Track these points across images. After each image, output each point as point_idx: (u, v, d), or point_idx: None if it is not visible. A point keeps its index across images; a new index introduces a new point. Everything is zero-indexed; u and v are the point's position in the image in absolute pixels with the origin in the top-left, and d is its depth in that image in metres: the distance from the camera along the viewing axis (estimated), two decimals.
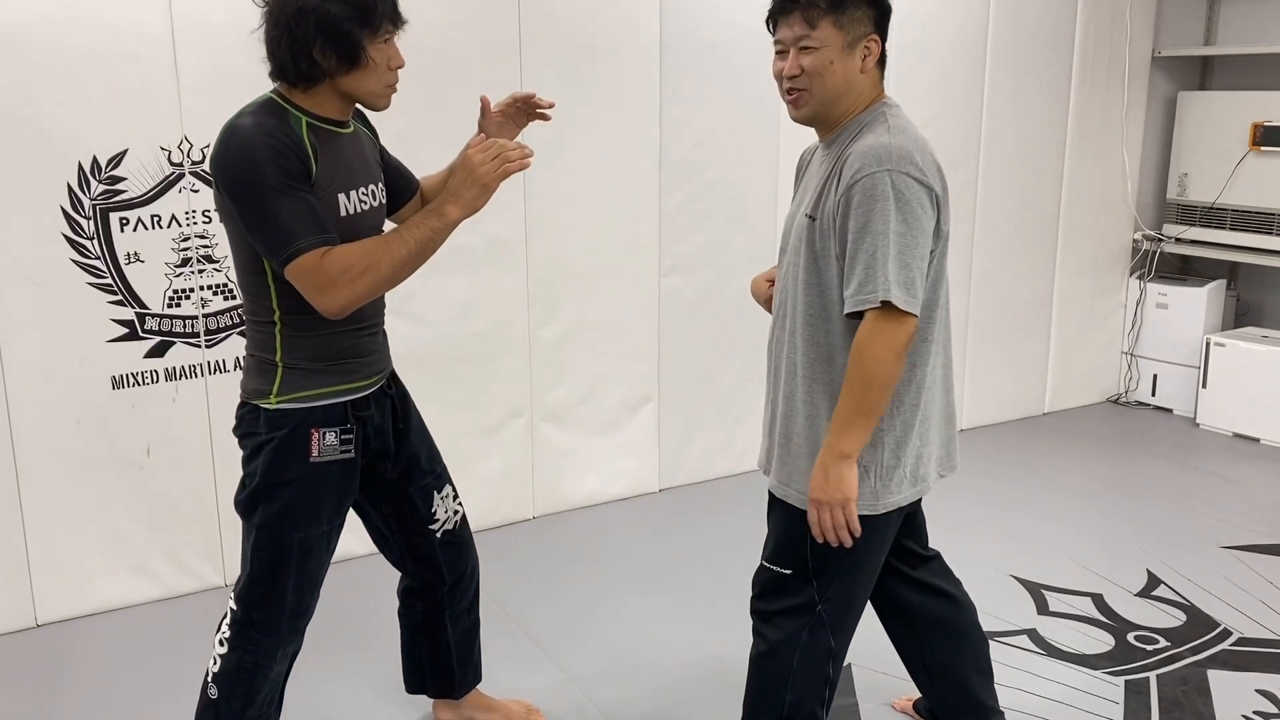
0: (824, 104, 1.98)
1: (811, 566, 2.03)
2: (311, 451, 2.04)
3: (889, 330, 1.85)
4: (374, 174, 2.13)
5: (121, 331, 3.07)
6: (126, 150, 2.99)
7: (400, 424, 2.25)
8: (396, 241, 1.94)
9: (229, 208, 1.95)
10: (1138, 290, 5.07)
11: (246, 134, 1.89)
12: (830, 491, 1.90)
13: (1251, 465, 4.35)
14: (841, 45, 1.94)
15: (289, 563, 2.08)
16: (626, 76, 3.71)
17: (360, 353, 2.11)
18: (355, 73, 1.95)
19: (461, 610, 2.46)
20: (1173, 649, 2.93)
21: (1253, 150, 4.63)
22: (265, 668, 2.13)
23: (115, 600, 3.19)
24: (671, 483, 4.11)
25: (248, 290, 2.04)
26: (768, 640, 2.10)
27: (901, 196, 1.84)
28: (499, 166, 1.94)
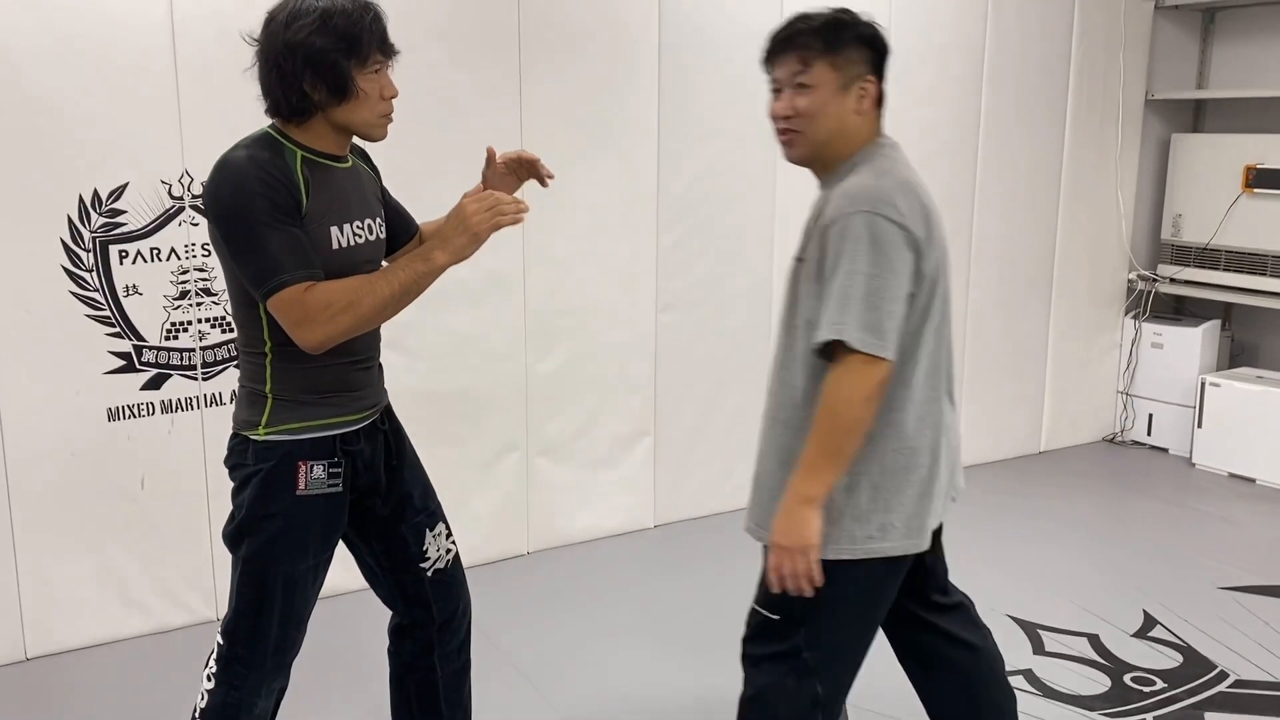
0: (816, 145, 1.97)
1: (797, 613, 1.97)
2: (298, 484, 2.02)
3: (857, 373, 1.81)
4: (371, 209, 2.13)
5: (119, 364, 3.08)
6: (127, 184, 3.01)
7: (393, 460, 2.23)
8: (381, 281, 1.94)
9: (219, 239, 1.96)
10: (1133, 330, 5.09)
11: (238, 166, 1.90)
12: (791, 536, 1.85)
13: (1247, 505, 4.34)
14: (836, 86, 1.93)
15: (274, 597, 2.06)
16: (625, 114, 3.74)
17: (351, 386, 2.09)
18: (346, 104, 1.95)
19: (451, 651, 2.43)
20: (1170, 691, 2.92)
21: (1245, 192, 4.67)
22: (250, 704, 2.10)
23: (106, 634, 3.17)
24: (667, 519, 4.10)
25: (241, 321, 2.05)
26: (755, 685, 2.06)
27: (876, 239, 1.82)
28: (491, 218, 1.95)
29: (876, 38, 1.98)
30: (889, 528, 1.93)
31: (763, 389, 2.23)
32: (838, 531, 1.91)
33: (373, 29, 1.94)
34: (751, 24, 3.89)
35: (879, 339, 1.81)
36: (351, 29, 1.91)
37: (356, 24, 1.92)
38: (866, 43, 1.95)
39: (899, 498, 1.94)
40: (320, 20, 1.90)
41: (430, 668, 2.41)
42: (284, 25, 1.92)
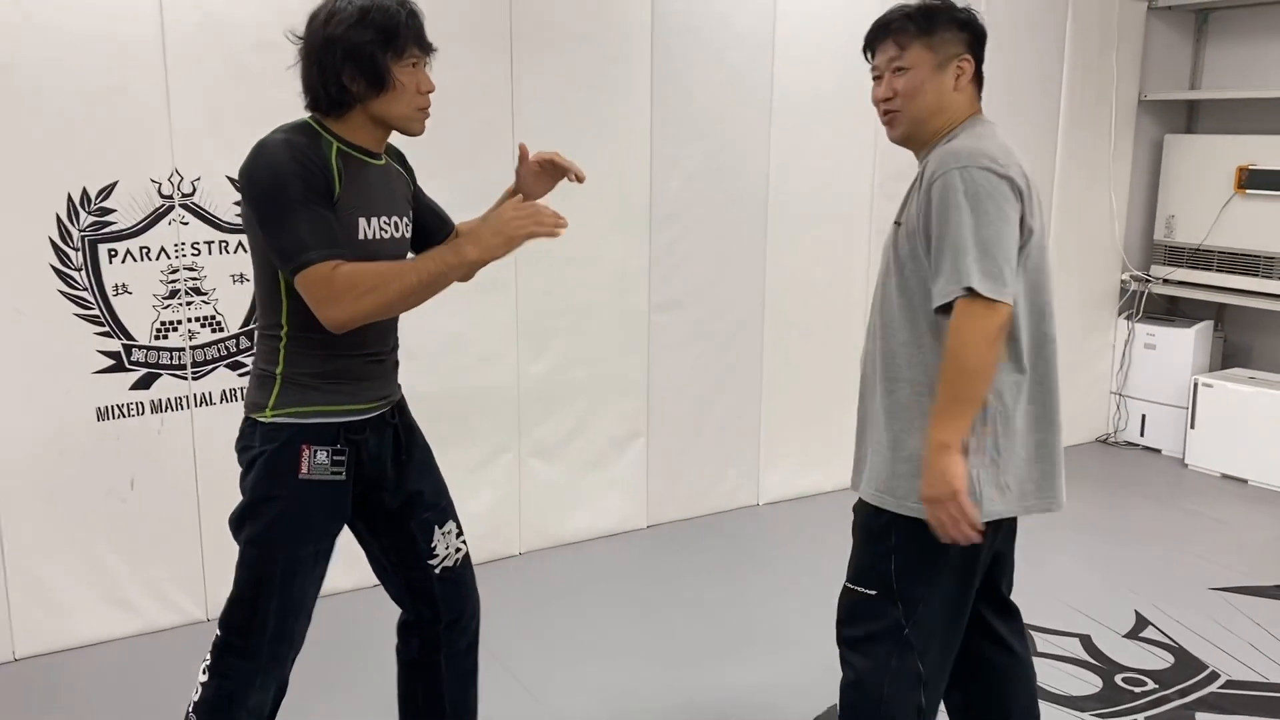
0: (916, 123, 2.03)
1: (896, 587, 1.99)
2: (301, 468, 2.03)
3: (979, 316, 1.83)
4: (400, 207, 2.15)
5: (108, 363, 3.06)
6: (116, 182, 2.99)
7: (402, 455, 2.23)
8: (409, 269, 1.97)
9: (251, 218, 1.98)
10: (1126, 330, 5.10)
11: (275, 148, 1.94)
12: (937, 487, 1.85)
13: (1240, 506, 4.35)
14: (932, 65, 2.00)
15: (273, 582, 2.06)
16: (618, 114, 3.73)
17: (360, 376, 2.10)
18: (384, 96, 1.99)
19: (458, 652, 2.42)
20: (1161, 691, 2.92)
21: (1238, 193, 4.67)
22: (244, 696, 2.09)
23: (95, 634, 3.15)
24: (660, 519, 4.09)
25: (263, 303, 2.07)
26: (855, 669, 2.06)
27: (977, 190, 1.86)
28: (528, 225, 1.97)
29: (971, 21, 2.04)
30: (1005, 489, 1.96)
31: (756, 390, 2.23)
32: None
33: (409, 24, 1.99)
34: (744, 24, 3.90)
35: (996, 283, 1.83)
36: (388, 23, 1.96)
37: (393, 19, 1.97)
38: (961, 25, 2.01)
39: (1011, 458, 1.96)
40: (359, 15, 1.95)
41: (435, 665, 2.41)
42: (324, 21, 1.97)
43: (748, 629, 3.29)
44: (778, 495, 4.35)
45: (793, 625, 3.31)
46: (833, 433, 4.44)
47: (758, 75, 3.96)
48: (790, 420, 4.30)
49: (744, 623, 3.33)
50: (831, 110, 4.07)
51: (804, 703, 2.84)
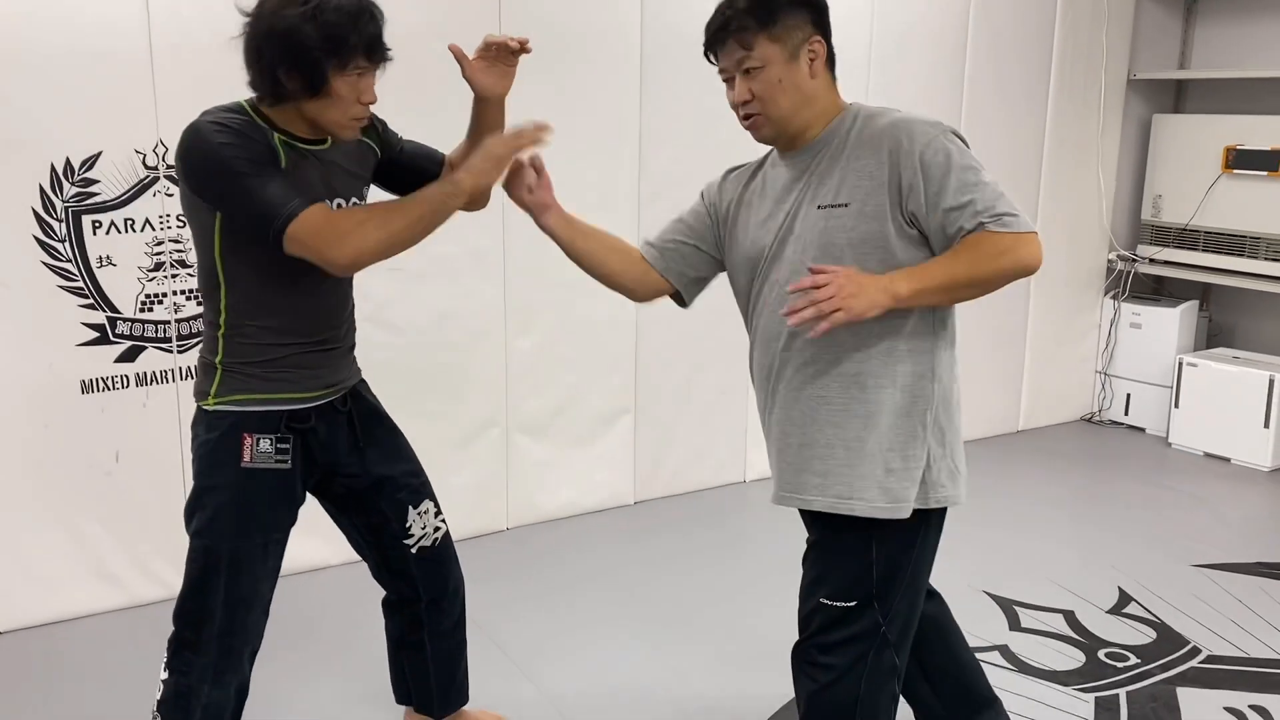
0: (782, 122, 1.92)
1: (876, 593, 1.93)
2: (244, 456, 2.00)
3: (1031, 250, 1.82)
4: (347, 188, 2.08)
5: (92, 335, 3.04)
6: (100, 153, 2.96)
7: (359, 442, 2.20)
8: (409, 203, 1.94)
9: (197, 207, 1.93)
10: (1112, 310, 5.11)
11: (210, 127, 1.87)
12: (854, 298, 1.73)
13: (1222, 485, 4.38)
14: (784, 58, 1.88)
15: (218, 576, 2.02)
16: (606, 89, 3.71)
17: (305, 365, 2.06)
18: (318, 100, 1.91)
19: (443, 630, 2.42)
20: (1143, 666, 2.95)
21: (1225, 173, 4.69)
22: (199, 692, 2.06)
23: (80, 608, 3.15)
24: (647, 495, 4.10)
25: (204, 293, 2.04)
26: (832, 669, 1.97)
27: (964, 152, 1.85)
28: (512, 140, 1.96)
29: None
30: (956, 474, 1.95)
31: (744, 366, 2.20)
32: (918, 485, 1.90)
33: (363, 32, 1.88)
34: None
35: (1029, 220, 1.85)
36: (340, 29, 1.85)
37: (347, 24, 1.85)
38: (801, 3, 1.88)
39: (955, 439, 1.96)
40: (312, 13, 1.84)
41: (419, 644, 2.41)
42: (274, 9, 1.87)
43: (733, 603, 3.30)
44: (765, 472, 4.34)
45: (777, 599, 3.32)
46: None
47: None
48: None
49: (730, 596, 3.35)
50: None
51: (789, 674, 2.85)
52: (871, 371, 1.89)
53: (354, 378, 2.22)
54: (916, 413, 1.91)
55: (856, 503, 1.89)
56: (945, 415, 1.94)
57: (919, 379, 1.91)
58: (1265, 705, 2.75)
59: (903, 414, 1.90)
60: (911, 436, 1.90)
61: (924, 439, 1.91)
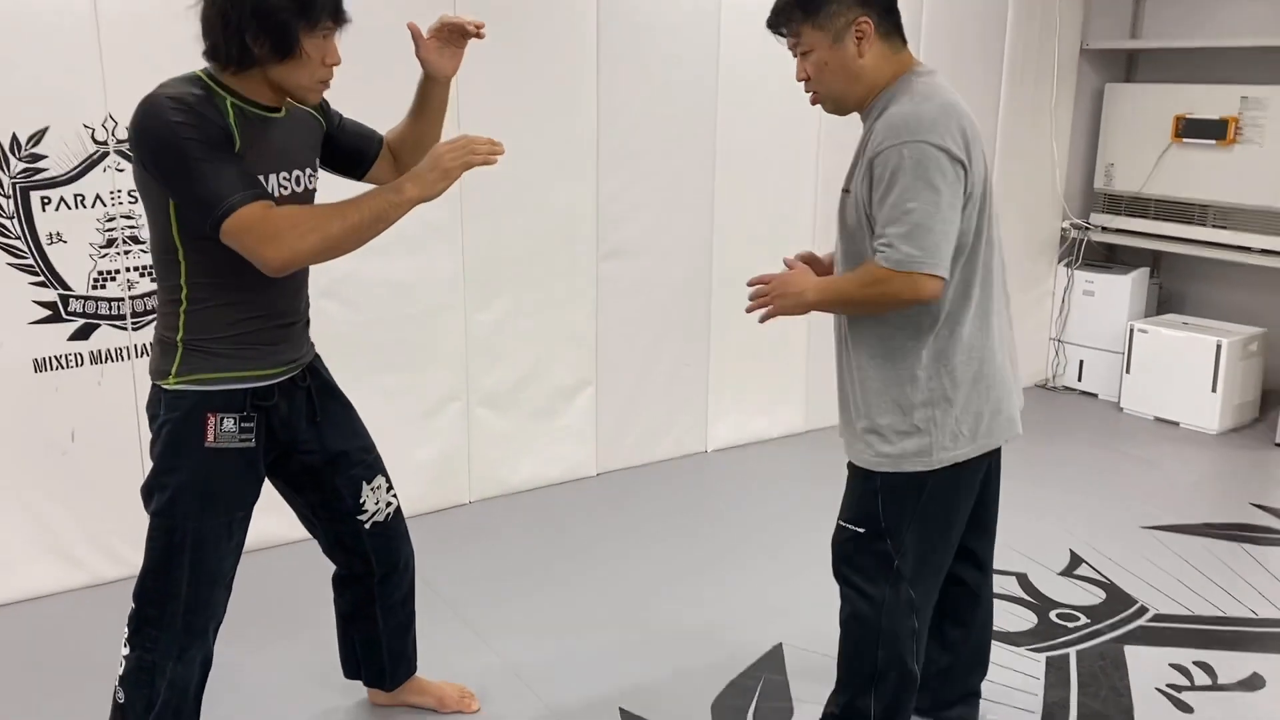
0: (838, 98, 2.09)
1: (884, 524, 2.11)
2: (207, 436, 1.99)
3: (899, 288, 1.93)
4: (303, 159, 2.08)
5: (44, 314, 3.00)
6: (47, 128, 2.91)
7: (316, 417, 2.20)
8: (350, 208, 1.91)
9: (148, 182, 1.91)
10: (1065, 278, 5.19)
11: (165, 103, 1.84)
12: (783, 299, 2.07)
13: (1171, 448, 4.48)
14: (828, 43, 2.03)
15: (182, 554, 2.02)
16: (563, 61, 3.70)
17: (268, 341, 2.06)
18: (287, 64, 1.91)
19: (394, 604, 2.44)
20: (1092, 626, 3.02)
21: (1175, 142, 4.76)
22: (162, 668, 2.07)
23: (38, 587, 3.12)
24: (610, 467, 4.13)
25: (160, 270, 2.01)
26: (853, 603, 2.20)
27: (920, 166, 1.90)
28: (463, 156, 1.93)
29: None
30: (959, 437, 2.07)
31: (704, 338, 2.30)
32: (917, 445, 2.05)
33: None
34: None
35: (933, 257, 1.91)
36: None
37: None
38: None
39: (968, 406, 2.06)
40: None
41: (371, 618, 2.43)
42: None
43: (695, 572, 3.35)
44: (725, 442, 4.40)
45: (739, 568, 3.37)
46: (778, 381, 4.50)
47: (705, 25, 3.94)
48: (737, 368, 4.34)
49: (692, 566, 3.39)
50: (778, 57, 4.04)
51: (750, 641, 2.90)
52: (868, 343, 2.09)
53: (311, 353, 2.22)
54: (904, 383, 2.05)
55: (853, 453, 2.16)
56: (950, 385, 2.05)
57: (907, 353, 2.05)
58: (1209, 661, 2.84)
59: (891, 383, 2.06)
60: (900, 403, 2.06)
61: (915, 406, 2.05)
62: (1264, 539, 3.60)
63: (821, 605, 2.84)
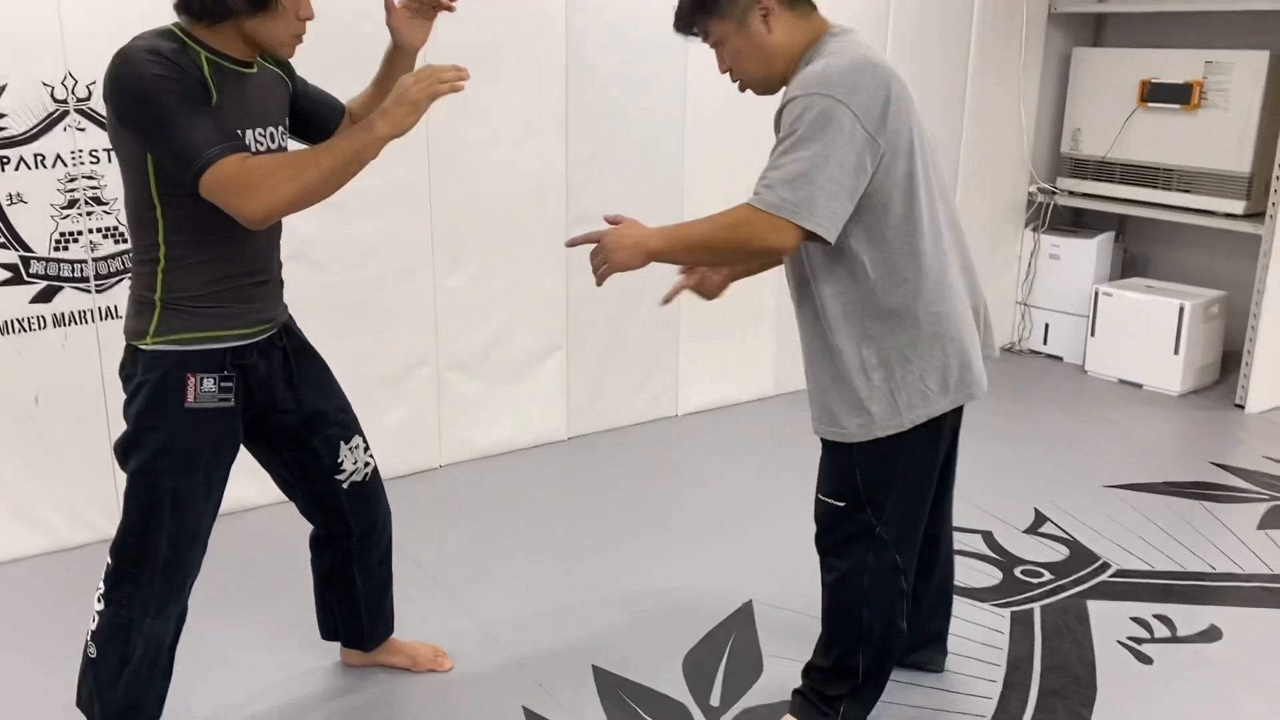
0: (762, 79, 2.10)
1: (864, 495, 2.14)
2: (187, 396, 1.99)
3: (763, 230, 1.91)
4: (275, 116, 2.07)
5: (5, 276, 2.95)
6: (5, 85, 2.85)
7: (294, 378, 2.20)
8: (324, 152, 1.89)
9: (125, 137, 1.88)
10: (1031, 242, 5.23)
11: (139, 55, 1.82)
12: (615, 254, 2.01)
13: (1134, 410, 4.55)
14: (735, 29, 2.04)
15: (162, 512, 2.02)
16: (532, 20, 3.66)
17: (245, 299, 2.05)
18: (262, 16, 1.89)
19: (372, 564, 2.45)
20: (1056, 581, 3.08)
21: (1140, 106, 4.80)
22: (139, 623, 2.08)
23: (3, 553, 3.10)
24: (581, 431, 4.13)
25: (136, 228, 1.98)
26: (836, 569, 2.23)
27: (820, 119, 1.88)
28: (429, 86, 1.90)
29: None
30: (928, 394, 2.08)
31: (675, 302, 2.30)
32: (884, 409, 2.06)
33: None
34: None
35: (806, 208, 1.88)
36: None
37: None
38: None
39: (933, 362, 2.07)
40: None
41: (349, 578, 2.43)
42: None
43: (666, 533, 3.37)
44: (695, 406, 4.42)
45: (710, 528, 3.40)
46: (747, 345, 4.52)
47: None
48: (707, 333, 4.35)
49: (662, 527, 3.41)
50: None
51: (720, 599, 2.94)
52: (820, 308, 2.09)
53: (285, 313, 2.21)
54: (859, 346, 2.06)
55: (820, 426, 2.16)
56: (898, 353, 2.06)
57: (859, 314, 2.05)
58: (1168, 614, 2.91)
59: (849, 349, 2.07)
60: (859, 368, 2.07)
61: (873, 367, 2.06)
62: (1223, 497, 3.67)
63: (790, 564, 2.89)
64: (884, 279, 2.03)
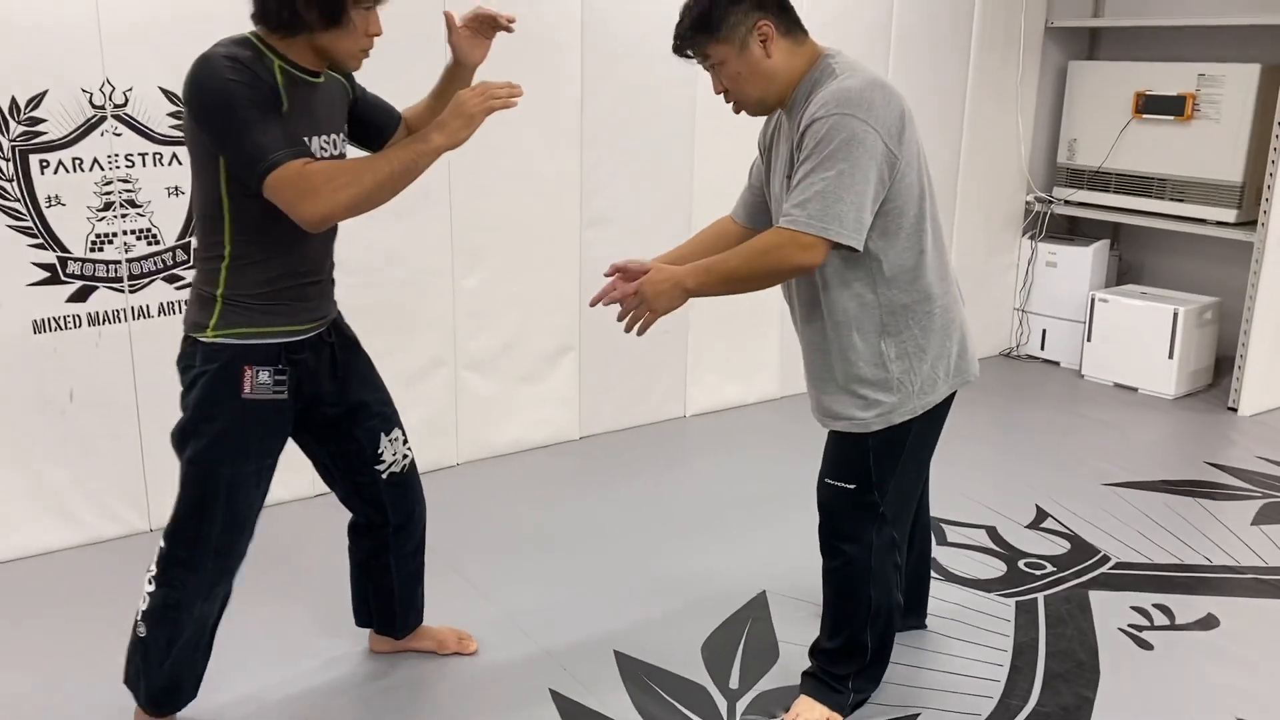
0: (758, 100, 2.19)
1: (874, 479, 2.27)
2: (244, 388, 2.09)
3: (801, 249, 2.03)
4: (338, 124, 2.18)
5: (43, 275, 3.05)
6: (46, 91, 2.95)
7: (339, 371, 2.29)
8: (381, 160, 1.99)
9: (199, 136, 1.99)
10: (1029, 250, 5.36)
11: (219, 60, 1.93)
12: (656, 300, 2.11)
13: (1130, 412, 4.67)
14: (735, 52, 2.12)
15: (216, 499, 2.12)
16: (550, 30, 3.77)
17: (300, 298, 2.15)
18: (334, 31, 1.99)
19: (406, 554, 2.54)
20: (1058, 573, 3.19)
21: (1135, 118, 4.93)
22: (190, 605, 2.18)
23: (39, 545, 3.18)
24: (592, 430, 4.23)
25: (203, 226, 2.09)
26: (845, 551, 2.35)
27: (845, 138, 2.00)
28: (484, 101, 2.00)
29: None
30: (937, 380, 2.23)
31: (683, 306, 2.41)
32: (901, 398, 2.20)
33: None
34: None
35: (837, 223, 2.01)
36: None
37: None
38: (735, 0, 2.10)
39: (941, 352, 2.23)
40: None
41: (385, 568, 2.52)
42: None
43: (679, 527, 3.47)
44: (703, 407, 4.53)
45: (721, 523, 3.50)
46: (754, 348, 4.62)
47: None
48: (715, 335, 4.46)
49: (675, 521, 3.51)
50: None
51: (734, 589, 3.03)
52: (841, 308, 2.20)
53: (335, 310, 2.32)
54: (880, 340, 2.20)
55: (834, 422, 2.29)
56: (913, 344, 2.21)
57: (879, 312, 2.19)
58: (1167, 604, 3.01)
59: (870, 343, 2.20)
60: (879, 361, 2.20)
61: (892, 360, 2.20)
62: (1218, 494, 3.78)
63: (800, 555, 2.99)
64: (898, 278, 2.17)
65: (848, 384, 2.23)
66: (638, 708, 2.50)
